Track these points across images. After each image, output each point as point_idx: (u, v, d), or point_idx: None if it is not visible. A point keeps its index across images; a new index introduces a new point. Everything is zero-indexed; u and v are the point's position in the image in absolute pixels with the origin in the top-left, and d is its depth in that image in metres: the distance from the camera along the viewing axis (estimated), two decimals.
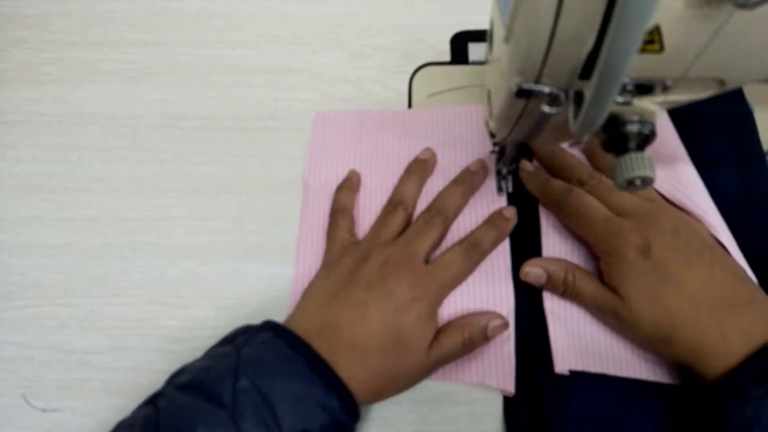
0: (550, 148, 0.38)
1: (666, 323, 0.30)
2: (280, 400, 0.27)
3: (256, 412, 0.26)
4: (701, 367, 0.29)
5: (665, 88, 0.23)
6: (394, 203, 0.38)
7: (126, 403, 0.34)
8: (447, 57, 0.46)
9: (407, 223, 0.37)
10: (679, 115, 0.39)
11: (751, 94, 0.41)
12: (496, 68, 0.27)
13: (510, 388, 0.33)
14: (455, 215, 0.38)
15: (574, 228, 0.35)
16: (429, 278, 0.33)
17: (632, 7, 0.16)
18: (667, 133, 0.38)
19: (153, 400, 0.29)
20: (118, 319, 0.37)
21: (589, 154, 0.38)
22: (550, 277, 0.34)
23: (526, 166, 0.38)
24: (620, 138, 0.24)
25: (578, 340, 0.34)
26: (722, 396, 0.28)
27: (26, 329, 0.37)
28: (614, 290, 0.32)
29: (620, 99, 0.23)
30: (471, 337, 0.33)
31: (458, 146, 0.41)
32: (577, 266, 0.35)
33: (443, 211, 0.36)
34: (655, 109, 0.24)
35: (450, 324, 0.34)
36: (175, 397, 0.28)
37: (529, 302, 0.36)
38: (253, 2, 0.49)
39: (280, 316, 0.33)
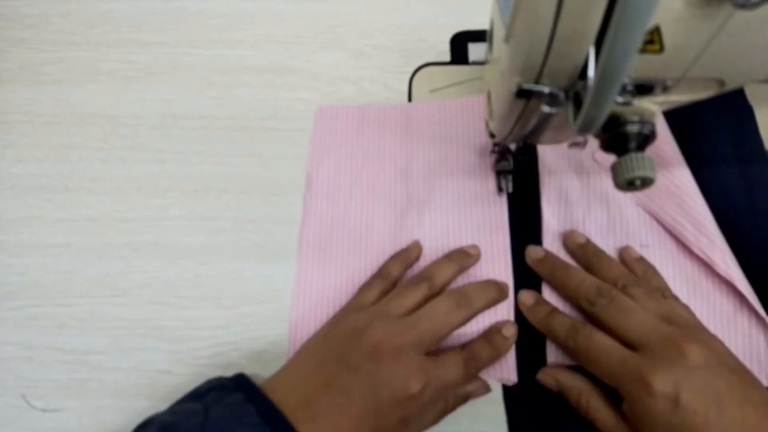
0: (550, 266, 0.36)
1: None
2: None
3: None
4: None
5: (665, 89, 0.23)
6: (422, 276, 0.35)
7: (126, 403, 0.34)
8: (447, 57, 0.46)
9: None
10: (680, 115, 0.38)
11: (751, 94, 0.41)
12: (496, 68, 0.27)
13: (513, 377, 0.34)
14: (480, 309, 0.35)
15: (591, 371, 0.31)
16: (428, 376, 0.29)
17: (632, 7, 0.16)
18: (661, 134, 0.38)
19: None
20: (118, 319, 0.37)
21: (588, 258, 0.36)
22: (563, 393, 0.33)
23: (526, 299, 0.35)
24: (620, 138, 0.24)
25: None
26: None
27: (26, 329, 0.37)
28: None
29: (620, 99, 0.23)
30: (454, 405, 0.32)
31: (460, 139, 0.42)
32: (594, 390, 0.31)
33: (467, 300, 0.33)
34: (655, 109, 0.24)
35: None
36: None
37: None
38: (253, 2, 0.49)
39: (279, 317, 0.33)
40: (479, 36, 0.46)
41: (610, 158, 0.25)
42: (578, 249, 0.36)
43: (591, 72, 0.20)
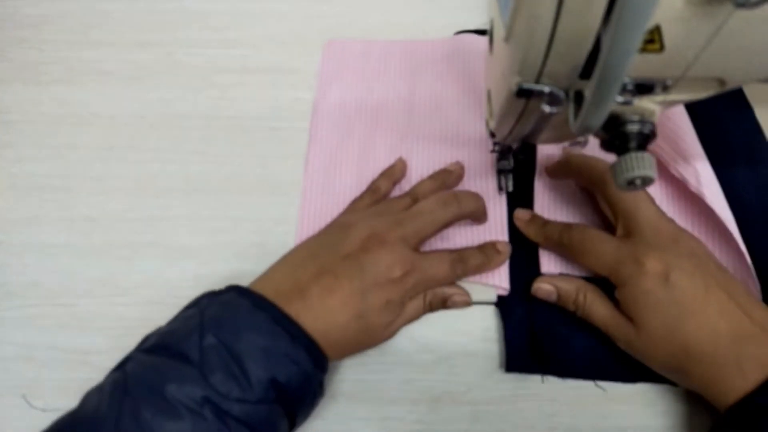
0: (536, 225, 0.37)
1: (682, 356, 0.29)
2: (246, 353, 0.27)
3: (224, 366, 0.27)
4: (714, 396, 0.29)
5: (665, 88, 0.23)
6: (407, 192, 0.38)
7: None
8: None
9: None
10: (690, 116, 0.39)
11: (751, 94, 0.41)
12: (496, 68, 0.27)
13: (505, 284, 0.36)
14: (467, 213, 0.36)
15: (586, 265, 0.34)
16: (412, 266, 0.32)
17: (632, 7, 0.16)
18: (685, 127, 0.38)
19: (120, 366, 0.29)
20: (118, 319, 0.37)
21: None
22: (560, 296, 0.34)
23: (521, 215, 0.37)
24: (620, 138, 0.24)
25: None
26: (734, 425, 0.27)
27: (26, 329, 0.37)
28: (629, 318, 0.31)
29: (620, 99, 0.23)
30: (431, 301, 0.34)
31: (463, 75, 0.44)
32: (589, 286, 0.34)
33: (455, 200, 0.35)
34: (655, 108, 0.24)
35: None
36: (142, 359, 0.28)
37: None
38: (253, 2, 0.49)
39: None
40: (480, 34, 0.46)
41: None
42: (559, 167, 0.38)
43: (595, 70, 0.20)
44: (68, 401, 0.35)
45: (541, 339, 0.34)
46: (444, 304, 0.35)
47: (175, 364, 0.27)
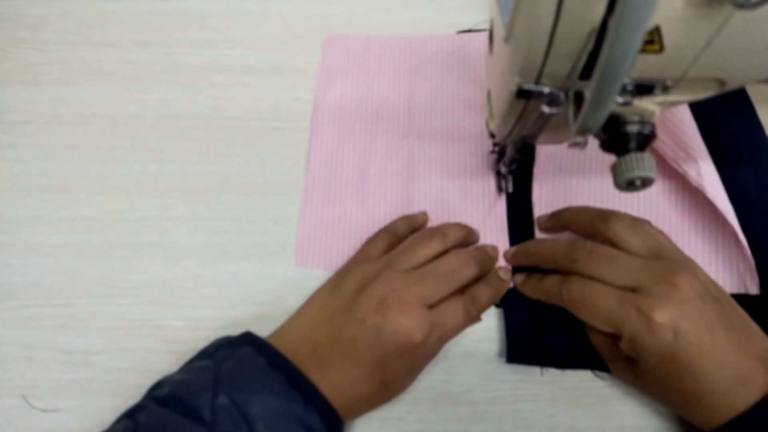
0: (524, 252, 0.36)
1: (678, 400, 0.30)
2: (258, 417, 0.27)
3: (235, 429, 0.26)
4: (699, 420, 0.29)
5: (665, 89, 0.23)
6: (434, 230, 0.35)
7: (126, 403, 0.34)
8: None
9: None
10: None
11: (751, 94, 0.41)
12: (496, 68, 0.27)
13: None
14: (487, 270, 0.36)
15: (590, 321, 0.31)
16: (431, 327, 0.30)
17: (632, 7, 0.16)
18: (687, 121, 0.38)
19: (132, 414, 0.28)
20: (118, 319, 0.37)
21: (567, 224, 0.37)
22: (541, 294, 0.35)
23: (518, 278, 0.36)
24: (620, 138, 0.24)
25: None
26: None
27: (26, 329, 0.37)
28: (629, 358, 0.31)
29: (620, 99, 0.23)
30: (479, 310, 0.34)
31: (464, 72, 0.44)
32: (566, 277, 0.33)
33: (474, 260, 0.34)
34: (655, 109, 0.24)
35: None
36: (154, 411, 0.28)
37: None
38: (253, 2, 0.49)
39: (279, 317, 0.33)
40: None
41: None
42: (551, 221, 0.37)
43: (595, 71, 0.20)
44: (68, 401, 0.35)
45: (541, 330, 0.35)
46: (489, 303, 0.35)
47: (187, 422, 0.26)
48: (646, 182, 0.24)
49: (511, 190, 0.39)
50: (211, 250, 0.39)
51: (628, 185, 0.24)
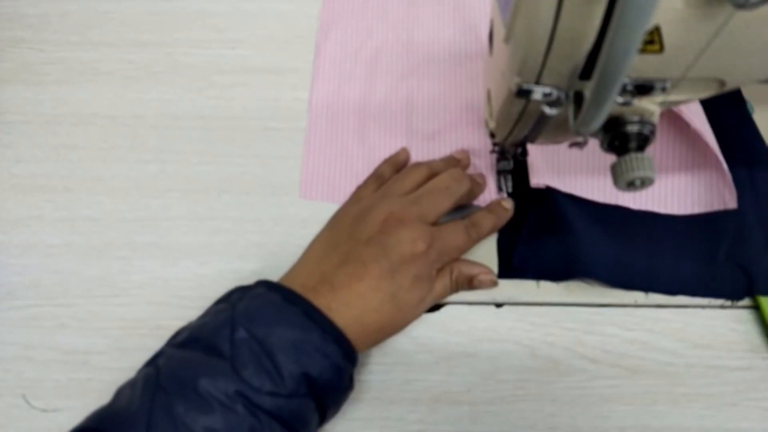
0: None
1: None
2: (278, 347, 0.27)
3: (256, 360, 0.27)
4: None
5: (665, 89, 0.23)
6: (421, 163, 0.38)
7: None
8: None
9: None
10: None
11: (751, 94, 0.41)
12: (496, 68, 0.27)
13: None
14: (465, 198, 0.37)
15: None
16: (432, 238, 0.32)
17: (632, 7, 0.16)
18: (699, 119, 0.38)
19: (152, 361, 0.29)
20: (118, 319, 0.37)
21: None
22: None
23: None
24: (620, 138, 0.24)
25: (554, 159, 0.39)
26: None
27: (26, 329, 0.37)
28: None
29: (620, 99, 0.23)
30: (457, 279, 0.35)
31: (460, 20, 0.46)
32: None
33: (466, 177, 0.36)
34: (655, 109, 0.24)
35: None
36: (174, 354, 0.28)
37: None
38: (253, 2, 0.49)
39: None
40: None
41: None
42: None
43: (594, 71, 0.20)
44: (68, 401, 0.35)
45: (534, 244, 0.36)
46: (470, 283, 0.35)
47: (207, 358, 0.27)
48: (646, 182, 0.24)
49: (511, 189, 0.39)
50: (211, 250, 0.39)
51: (628, 185, 0.24)
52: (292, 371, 0.27)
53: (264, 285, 0.31)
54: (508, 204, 0.37)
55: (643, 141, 0.24)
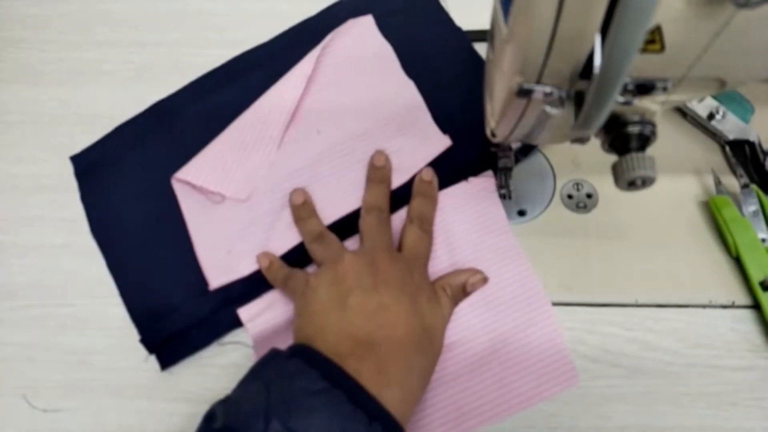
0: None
1: None
2: None
3: None
4: None
5: (666, 88, 0.23)
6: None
7: (126, 403, 0.34)
8: None
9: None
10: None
11: (751, 93, 0.41)
12: (496, 68, 0.27)
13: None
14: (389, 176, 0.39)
15: None
16: (414, 265, 0.34)
17: (633, 7, 0.16)
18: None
19: None
20: (118, 319, 0.37)
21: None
22: None
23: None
24: (621, 138, 0.24)
25: None
26: None
27: (27, 329, 0.37)
28: None
29: (621, 99, 0.23)
30: (453, 293, 0.35)
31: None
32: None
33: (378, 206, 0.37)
34: (656, 109, 0.24)
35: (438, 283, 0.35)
36: None
37: None
38: (253, 2, 0.49)
39: None
40: (480, 36, 0.46)
41: None
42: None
43: (595, 70, 0.20)
44: (69, 401, 0.35)
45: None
46: (464, 291, 0.35)
47: None
48: (647, 181, 0.24)
49: (511, 188, 0.39)
50: None
51: (629, 185, 0.24)
52: None
53: (300, 356, 0.28)
54: (428, 175, 0.38)
55: (644, 141, 0.24)
